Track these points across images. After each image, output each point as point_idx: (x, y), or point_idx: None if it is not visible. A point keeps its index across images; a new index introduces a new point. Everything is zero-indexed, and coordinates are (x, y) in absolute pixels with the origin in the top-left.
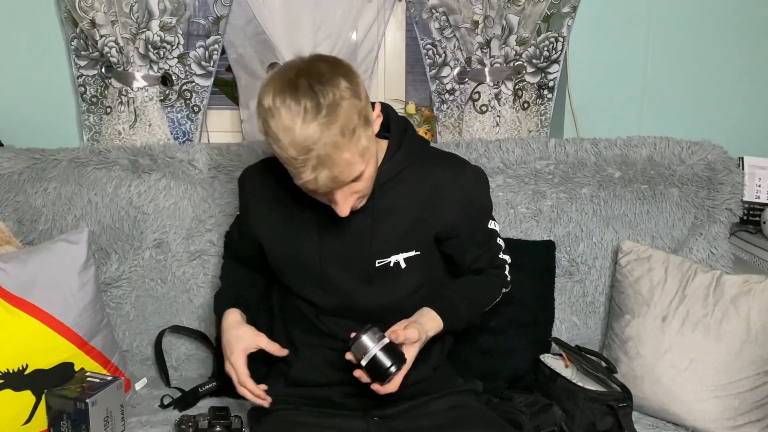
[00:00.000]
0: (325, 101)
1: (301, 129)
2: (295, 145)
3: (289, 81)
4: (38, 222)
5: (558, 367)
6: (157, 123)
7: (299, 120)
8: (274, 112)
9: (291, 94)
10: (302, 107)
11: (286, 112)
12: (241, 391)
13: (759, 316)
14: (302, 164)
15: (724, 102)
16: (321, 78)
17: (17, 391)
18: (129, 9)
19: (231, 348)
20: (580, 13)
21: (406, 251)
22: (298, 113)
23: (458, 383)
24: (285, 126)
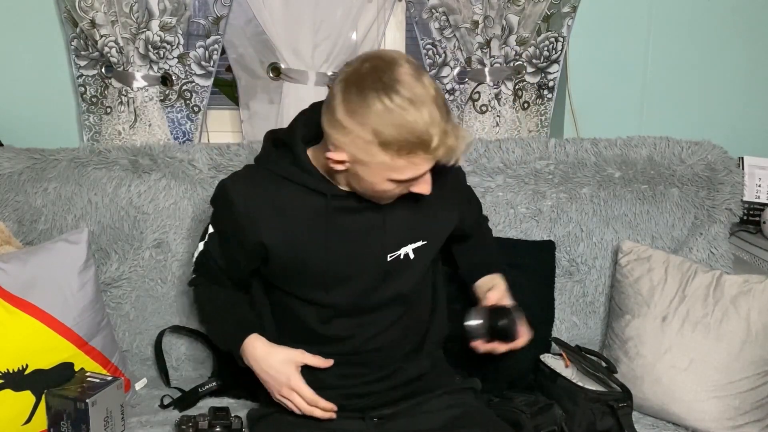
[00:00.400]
0: (426, 79)
1: (428, 109)
2: (432, 121)
3: (415, 69)
4: (38, 222)
5: (558, 367)
6: (157, 123)
7: (426, 105)
8: (407, 107)
9: (416, 78)
10: (432, 92)
11: (423, 93)
12: (311, 411)
13: (759, 316)
14: (441, 135)
15: (724, 102)
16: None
17: (17, 391)
18: (129, 9)
19: (284, 374)
20: (580, 13)
21: (414, 242)
22: (428, 92)
23: (456, 381)
24: (425, 101)
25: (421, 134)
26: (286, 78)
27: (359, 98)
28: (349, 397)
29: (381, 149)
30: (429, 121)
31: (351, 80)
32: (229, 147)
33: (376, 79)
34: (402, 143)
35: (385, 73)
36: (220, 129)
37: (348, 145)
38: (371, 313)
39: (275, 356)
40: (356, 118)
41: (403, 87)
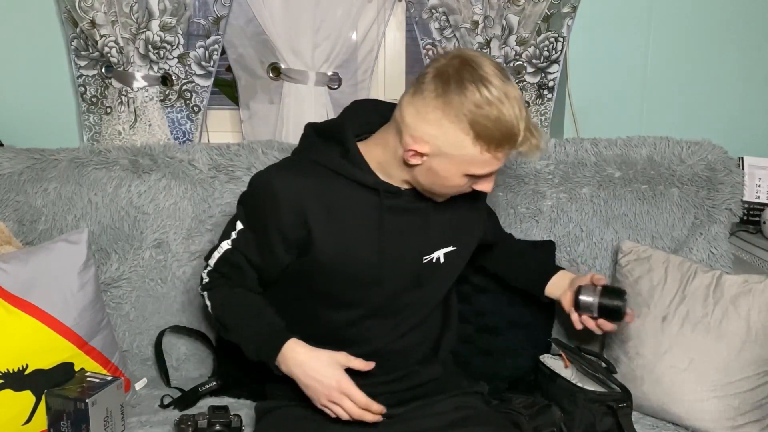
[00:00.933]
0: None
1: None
2: (520, 114)
3: (500, 67)
4: (38, 222)
5: (558, 367)
6: (157, 123)
7: (510, 95)
8: (502, 100)
9: (504, 75)
10: (518, 91)
11: (512, 90)
12: (361, 416)
13: (759, 316)
14: (527, 132)
15: (724, 102)
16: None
17: (17, 391)
18: (129, 9)
19: (333, 378)
20: (580, 13)
21: (446, 246)
22: (516, 90)
23: (463, 384)
24: (516, 98)
25: (513, 128)
26: (286, 78)
27: (458, 90)
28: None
29: (473, 141)
30: (519, 116)
31: (447, 73)
32: (229, 147)
33: (473, 72)
34: (494, 136)
35: (480, 68)
36: (220, 129)
37: (437, 137)
38: (396, 316)
39: (320, 360)
40: (453, 110)
41: (496, 81)
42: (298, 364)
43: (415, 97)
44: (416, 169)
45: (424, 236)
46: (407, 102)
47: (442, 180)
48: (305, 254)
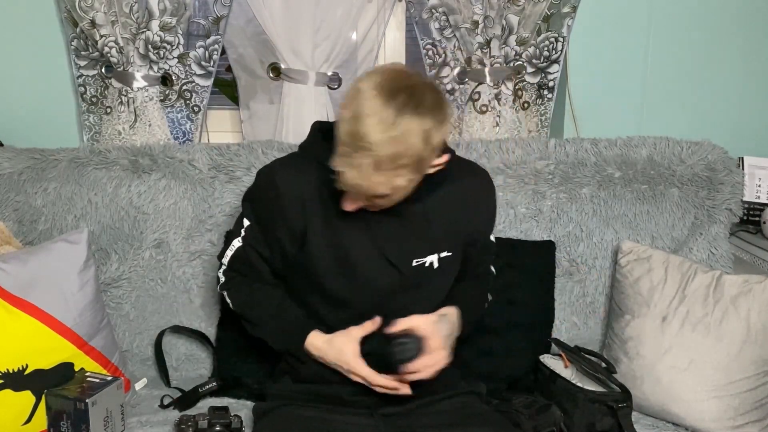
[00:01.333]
0: (401, 125)
1: (370, 125)
2: (352, 134)
3: (393, 89)
4: (38, 222)
5: (558, 367)
6: (157, 123)
7: (375, 119)
8: (363, 95)
9: (386, 97)
10: (385, 114)
11: (375, 104)
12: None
13: (759, 316)
14: (343, 156)
15: (724, 102)
16: (419, 106)
17: (17, 391)
18: (129, 9)
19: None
20: (580, 13)
21: (440, 252)
22: (379, 114)
23: (462, 385)
24: (368, 112)
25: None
26: (286, 78)
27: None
28: (356, 393)
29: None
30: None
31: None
32: (229, 147)
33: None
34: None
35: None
36: (220, 129)
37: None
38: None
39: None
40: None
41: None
42: (320, 354)
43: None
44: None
45: (416, 240)
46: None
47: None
48: (303, 247)
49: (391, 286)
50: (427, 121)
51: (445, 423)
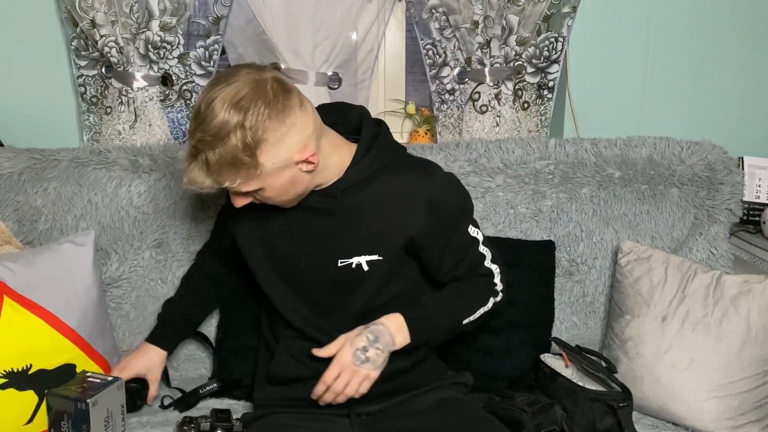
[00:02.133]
0: (215, 116)
1: (194, 120)
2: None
3: (228, 73)
4: (38, 222)
5: (558, 366)
6: (157, 123)
7: (203, 105)
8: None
9: (220, 81)
10: (205, 103)
11: (207, 88)
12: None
13: (759, 316)
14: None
15: (724, 102)
16: (242, 97)
17: (21, 390)
18: (129, 9)
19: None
20: (580, 13)
21: (369, 254)
22: (207, 97)
23: (447, 376)
24: (200, 97)
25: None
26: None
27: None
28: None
29: None
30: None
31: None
32: None
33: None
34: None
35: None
36: None
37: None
38: (336, 320)
39: (145, 357)
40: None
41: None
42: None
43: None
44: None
45: (338, 239)
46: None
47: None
48: (237, 243)
49: (320, 285)
50: (252, 109)
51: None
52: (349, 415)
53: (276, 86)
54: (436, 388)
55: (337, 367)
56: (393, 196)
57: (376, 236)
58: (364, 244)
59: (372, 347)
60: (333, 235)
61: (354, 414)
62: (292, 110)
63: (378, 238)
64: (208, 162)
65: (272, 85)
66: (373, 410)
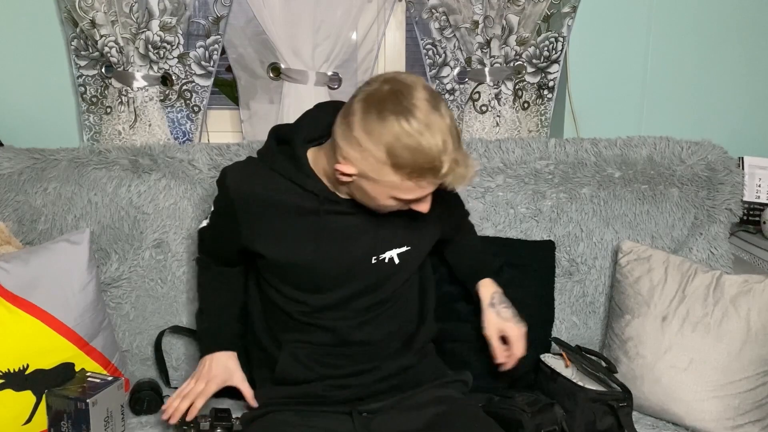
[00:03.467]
0: (443, 107)
1: (442, 134)
2: (447, 149)
3: (432, 96)
4: (38, 222)
5: (558, 366)
6: (157, 123)
7: (441, 132)
8: (423, 132)
9: (434, 104)
10: (447, 121)
11: (438, 120)
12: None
13: (759, 316)
14: (453, 163)
15: (724, 102)
16: (412, 93)
17: (18, 391)
18: (129, 9)
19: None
20: (580, 13)
21: (400, 247)
22: (433, 123)
23: (447, 375)
24: (441, 129)
25: (433, 160)
26: (286, 78)
27: (378, 119)
28: (333, 388)
29: (392, 170)
30: (442, 148)
31: (371, 101)
32: (229, 147)
33: (397, 103)
34: (413, 167)
35: (405, 98)
36: (220, 129)
37: (359, 161)
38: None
39: (223, 366)
40: (373, 138)
41: (420, 112)
42: (210, 362)
43: (346, 120)
44: (347, 185)
45: (372, 237)
46: (339, 121)
47: (372, 200)
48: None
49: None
50: (420, 89)
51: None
52: (351, 412)
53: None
54: (436, 386)
55: (520, 339)
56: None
57: (408, 229)
58: (396, 238)
59: (510, 308)
60: (368, 235)
61: (356, 411)
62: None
63: (409, 231)
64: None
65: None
66: (374, 408)
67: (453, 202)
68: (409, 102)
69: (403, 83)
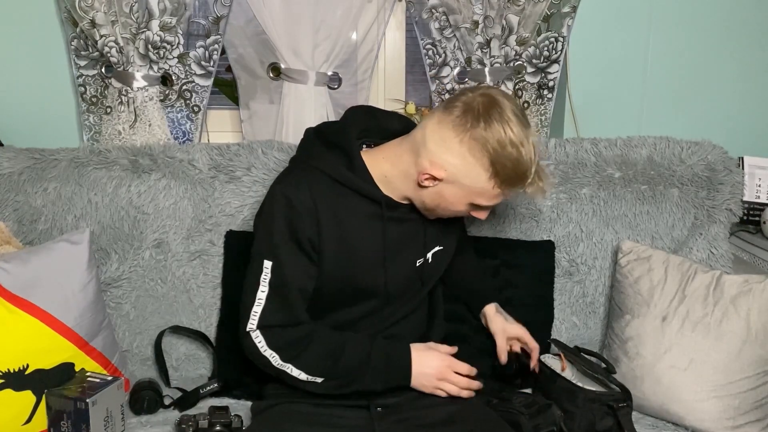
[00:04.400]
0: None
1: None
2: (535, 161)
3: (520, 109)
4: (38, 222)
5: (558, 367)
6: (157, 123)
7: (534, 145)
8: (523, 143)
9: (524, 118)
10: (532, 132)
11: (531, 134)
12: (469, 386)
13: (759, 316)
14: (536, 176)
15: (724, 102)
16: (523, 110)
17: (18, 390)
18: (129, 9)
19: (442, 360)
20: (580, 13)
21: (434, 247)
22: (533, 134)
23: None
24: (533, 142)
25: (526, 171)
26: (286, 78)
27: (486, 127)
28: None
29: (489, 177)
30: (534, 160)
31: (476, 109)
32: (229, 147)
33: (500, 113)
34: (509, 175)
35: (504, 110)
36: (220, 129)
37: (457, 167)
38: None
39: (429, 357)
40: (478, 145)
41: (518, 125)
42: (422, 367)
43: (442, 126)
44: (426, 190)
45: (419, 242)
46: (433, 128)
47: (448, 204)
48: (320, 258)
49: (400, 289)
50: (516, 103)
51: (438, 419)
52: (369, 405)
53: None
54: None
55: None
56: None
57: (442, 229)
58: (433, 238)
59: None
60: (416, 240)
61: (373, 405)
62: None
63: (442, 231)
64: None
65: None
66: (390, 403)
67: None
68: (507, 114)
69: (496, 96)
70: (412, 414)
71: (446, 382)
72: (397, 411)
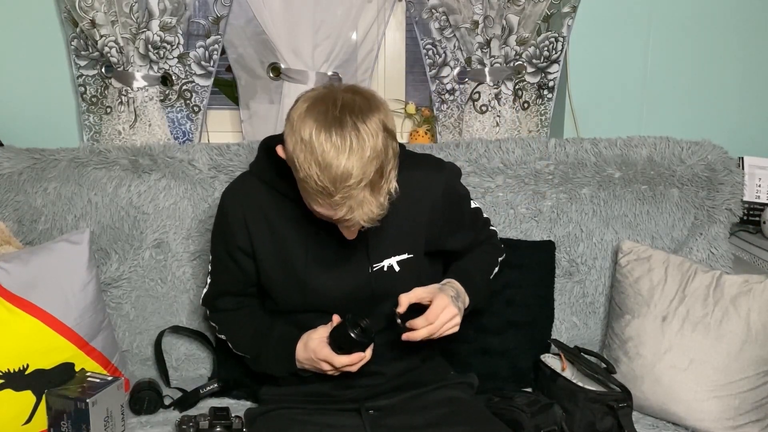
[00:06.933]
0: (368, 141)
1: (344, 166)
2: (334, 181)
3: (334, 117)
4: (38, 222)
5: (558, 367)
6: (157, 123)
7: (343, 157)
8: (315, 145)
9: (336, 129)
10: (348, 144)
11: (330, 147)
12: (345, 369)
13: (759, 316)
14: (340, 202)
15: (724, 102)
16: (363, 115)
17: (18, 391)
18: (129, 9)
19: (312, 350)
20: (580, 13)
21: (399, 254)
22: (343, 150)
23: (450, 375)
24: (327, 161)
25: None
26: (286, 78)
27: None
28: (338, 387)
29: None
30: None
31: (309, 97)
32: (229, 147)
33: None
34: (305, 189)
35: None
36: (220, 129)
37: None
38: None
39: (303, 355)
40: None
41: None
42: (304, 364)
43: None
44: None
45: (369, 246)
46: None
47: (307, 203)
48: (257, 266)
49: (351, 295)
50: (373, 117)
51: (431, 421)
52: (359, 409)
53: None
54: (443, 386)
55: (440, 306)
56: (413, 192)
57: (403, 234)
58: (393, 245)
59: (459, 300)
60: (362, 243)
61: (364, 408)
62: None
63: (405, 236)
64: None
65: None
66: (382, 405)
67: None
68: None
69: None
70: (405, 416)
71: (322, 364)
72: (390, 413)
